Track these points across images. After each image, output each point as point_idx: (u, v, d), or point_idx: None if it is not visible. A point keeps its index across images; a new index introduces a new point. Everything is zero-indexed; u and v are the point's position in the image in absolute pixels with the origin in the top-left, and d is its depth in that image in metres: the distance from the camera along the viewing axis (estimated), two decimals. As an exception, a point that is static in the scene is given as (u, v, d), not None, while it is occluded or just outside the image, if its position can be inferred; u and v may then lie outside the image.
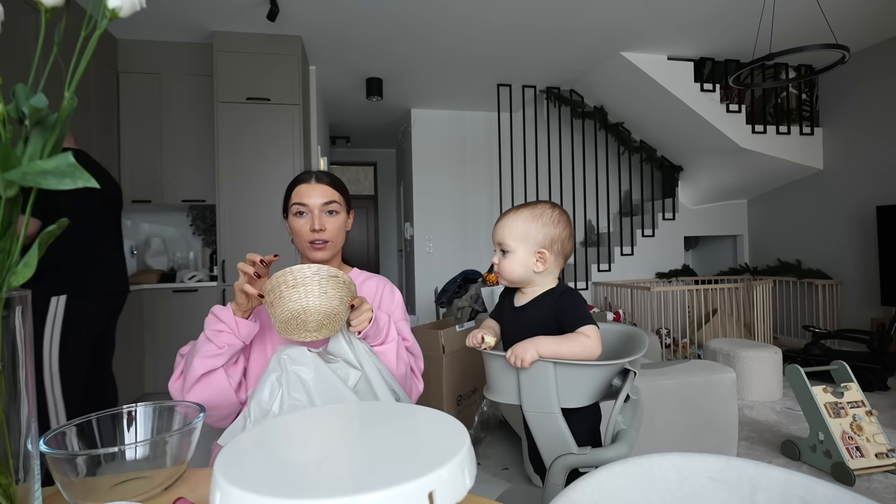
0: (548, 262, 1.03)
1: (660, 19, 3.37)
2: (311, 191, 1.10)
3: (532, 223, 1.03)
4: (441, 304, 3.61)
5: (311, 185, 1.10)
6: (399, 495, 0.35)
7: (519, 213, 1.06)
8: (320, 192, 1.10)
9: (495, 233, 1.08)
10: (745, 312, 4.03)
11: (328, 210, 1.10)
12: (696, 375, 2.03)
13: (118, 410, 0.68)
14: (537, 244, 1.03)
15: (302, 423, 0.52)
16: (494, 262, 1.07)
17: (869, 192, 3.88)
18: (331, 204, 1.10)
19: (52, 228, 0.45)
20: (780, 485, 0.54)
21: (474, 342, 1.03)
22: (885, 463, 1.96)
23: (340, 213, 1.12)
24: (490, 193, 5.26)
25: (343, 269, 1.19)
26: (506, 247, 1.05)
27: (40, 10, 0.45)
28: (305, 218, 1.09)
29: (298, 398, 0.86)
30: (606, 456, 0.90)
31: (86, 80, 2.90)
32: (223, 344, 0.94)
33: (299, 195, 1.10)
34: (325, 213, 1.10)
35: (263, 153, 3.28)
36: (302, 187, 1.10)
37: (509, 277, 1.06)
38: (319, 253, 1.10)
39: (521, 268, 1.04)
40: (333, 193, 1.12)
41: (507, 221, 1.06)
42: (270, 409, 0.86)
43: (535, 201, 1.08)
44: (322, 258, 1.11)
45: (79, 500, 0.55)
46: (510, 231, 1.05)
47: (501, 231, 1.06)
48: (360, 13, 3.14)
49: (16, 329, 0.47)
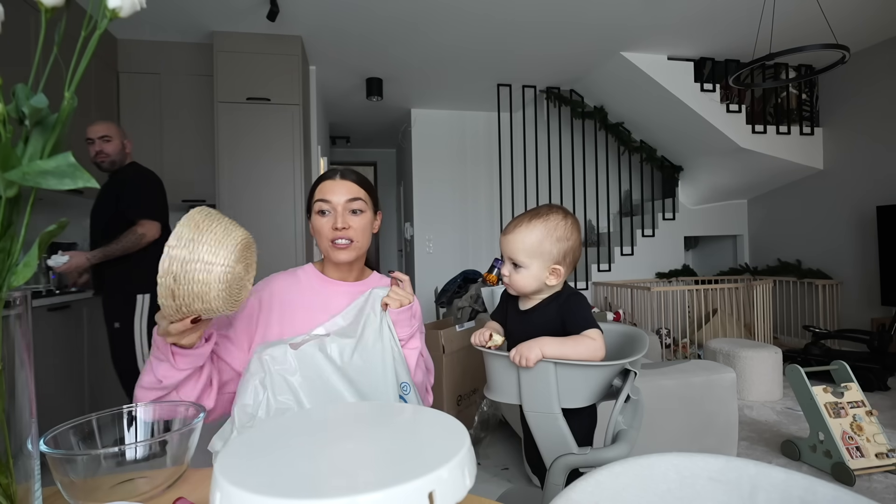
0: (561, 277, 1.03)
1: (660, 19, 3.36)
2: (336, 187, 1.03)
3: (547, 239, 1.01)
4: (441, 304, 3.61)
5: (335, 182, 1.03)
6: (399, 495, 0.35)
7: (532, 227, 1.02)
8: (345, 188, 1.03)
9: (507, 246, 1.04)
10: (745, 312, 4.03)
11: (352, 209, 1.03)
12: (697, 375, 2.03)
13: (118, 410, 0.67)
14: (552, 260, 1.01)
15: (302, 423, 0.52)
16: (505, 273, 1.05)
17: (869, 192, 3.88)
18: (355, 202, 1.03)
19: (52, 228, 0.45)
20: (780, 485, 0.54)
21: (481, 340, 1.02)
22: (886, 463, 1.96)
23: (366, 212, 1.05)
24: (490, 193, 5.26)
25: (364, 273, 1.13)
26: (518, 262, 1.02)
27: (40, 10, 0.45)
28: (328, 216, 1.02)
29: (285, 401, 0.83)
30: (607, 456, 0.90)
31: (86, 80, 2.90)
32: (161, 377, 0.82)
33: (322, 192, 1.03)
34: (349, 212, 1.03)
35: (263, 153, 3.28)
36: (326, 184, 1.04)
37: (521, 291, 1.05)
38: (343, 253, 1.02)
39: (534, 283, 1.03)
40: (358, 191, 1.04)
41: (520, 235, 1.02)
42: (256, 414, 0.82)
43: (546, 209, 1.04)
44: (345, 259, 1.03)
45: (79, 500, 0.55)
46: (523, 246, 1.01)
47: (513, 245, 1.02)
48: (360, 13, 3.14)
49: (16, 329, 0.47)
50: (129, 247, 2.18)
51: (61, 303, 2.28)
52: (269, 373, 0.84)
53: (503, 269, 1.06)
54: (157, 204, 2.29)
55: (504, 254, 1.06)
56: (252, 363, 0.85)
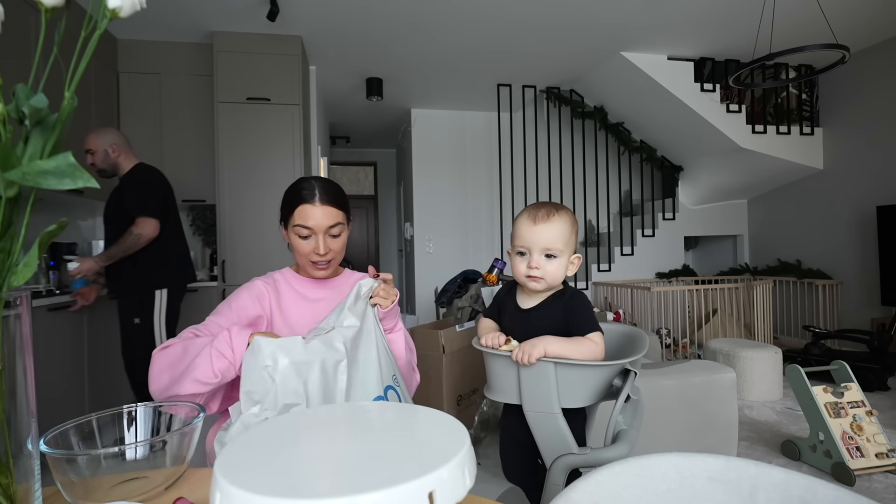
0: (576, 267, 1.06)
1: (660, 19, 3.36)
2: (315, 213, 1.05)
3: (570, 229, 1.04)
4: (441, 304, 3.61)
5: (314, 207, 1.05)
6: (399, 495, 0.35)
7: (561, 215, 1.03)
8: (324, 214, 1.05)
9: (540, 235, 1.02)
10: (745, 312, 4.03)
11: (332, 233, 1.08)
12: (697, 375, 2.03)
13: (118, 410, 0.68)
14: (571, 249, 1.05)
15: (302, 422, 0.52)
16: (535, 266, 1.02)
17: (869, 192, 3.88)
18: (335, 227, 1.07)
19: (52, 228, 0.45)
20: (780, 485, 0.54)
21: (495, 342, 1.00)
22: (886, 463, 1.96)
23: (344, 230, 1.11)
24: (490, 193, 5.26)
25: (338, 271, 1.19)
26: (554, 251, 1.02)
27: (40, 10, 0.45)
28: (309, 241, 1.06)
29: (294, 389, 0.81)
30: (607, 456, 0.90)
31: (86, 80, 2.90)
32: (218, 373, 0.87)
33: (303, 216, 1.05)
34: (330, 236, 1.08)
35: (263, 153, 3.28)
36: (305, 208, 1.05)
37: (553, 282, 1.04)
38: (322, 272, 1.11)
39: (563, 273, 1.05)
40: (338, 214, 1.08)
41: (555, 224, 1.02)
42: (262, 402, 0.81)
43: (555, 205, 1.06)
44: (324, 276, 1.12)
45: (79, 500, 0.55)
46: (560, 235, 1.02)
47: (550, 234, 1.02)
48: (360, 13, 3.14)
49: (16, 329, 0.47)
50: (129, 247, 2.20)
51: (61, 303, 2.28)
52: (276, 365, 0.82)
53: (530, 262, 1.03)
54: (152, 200, 2.28)
55: (533, 245, 1.03)
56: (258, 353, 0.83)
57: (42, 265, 2.61)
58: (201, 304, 3.19)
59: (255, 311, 1.06)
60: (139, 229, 2.21)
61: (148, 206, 2.26)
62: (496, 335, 1.02)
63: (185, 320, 3.24)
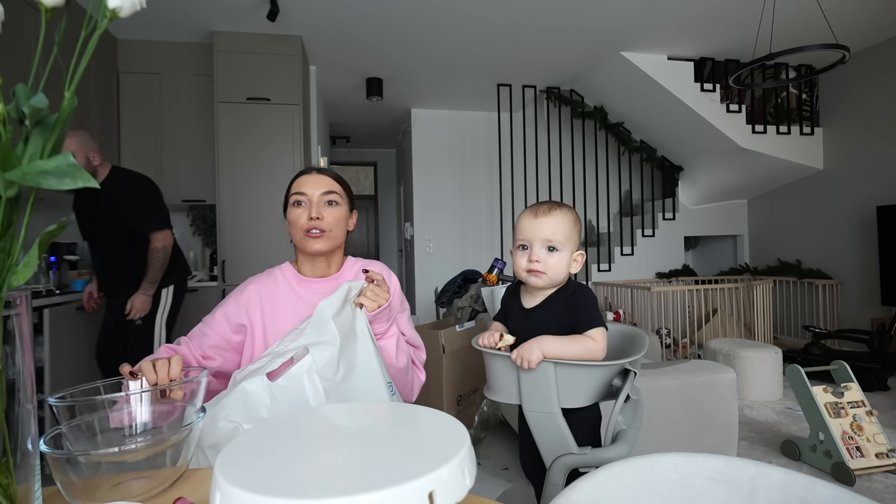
0: (580, 265, 1.04)
1: (660, 19, 3.36)
2: (311, 180, 1.06)
3: (572, 223, 1.02)
4: (441, 304, 3.61)
5: (311, 176, 1.07)
6: (399, 495, 0.35)
7: (562, 210, 1.02)
8: (321, 181, 1.06)
9: (541, 227, 1.00)
10: (746, 312, 4.02)
11: (327, 200, 1.05)
12: (697, 375, 2.03)
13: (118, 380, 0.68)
14: (574, 245, 1.03)
15: (302, 422, 0.52)
16: (536, 259, 1.00)
17: (869, 192, 3.88)
18: (330, 194, 1.06)
19: (52, 228, 0.45)
20: (780, 485, 0.54)
21: (490, 342, 0.99)
22: (886, 463, 1.96)
23: (341, 205, 1.07)
24: (490, 193, 5.26)
25: (336, 265, 1.13)
26: (556, 244, 1.00)
27: (40, 10, 0.45)
28: (303, 207, 1.04)
29: None
30: (607, 456, 0.90)
31: (86, 80, 2.90)
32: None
33: (299, 185, 1.06)
34: (325, 203, 1.05)
35: (263, 153, 3.28)
36: (302, 178, 1.07)
37: (556, 277, 1.01)
38: (317, 242, 1.03)
39: (566, 268, 1.02)
40: (334, 185, 1.07)
41: (557, 217, 1.01)
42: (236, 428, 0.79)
43: (557, 202, 1.05)
44: (319, 248, 1.04)
45: (79, 500, 0.55)
46: (561, 228, 1.00)
47: (551, 227, 1.00)
48: (360, 13, 3.14)
49: (16, 329, 0.47)
50: (164, 264, 2.30)
51: (61, 303, 2.28)
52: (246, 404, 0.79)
53: (531, 255, 1.01)
54: (161, 211, 2.35)
55: (534, 237, 1.01)
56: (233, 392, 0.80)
57: (42, 265, 2.61)
58: (201, 304, 3.19)
59: (239, 320, 1.03)
60: (161, 243, 2.28)
61: (161, 218, 2.32)
62: (490, 333, 1.01)
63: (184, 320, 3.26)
